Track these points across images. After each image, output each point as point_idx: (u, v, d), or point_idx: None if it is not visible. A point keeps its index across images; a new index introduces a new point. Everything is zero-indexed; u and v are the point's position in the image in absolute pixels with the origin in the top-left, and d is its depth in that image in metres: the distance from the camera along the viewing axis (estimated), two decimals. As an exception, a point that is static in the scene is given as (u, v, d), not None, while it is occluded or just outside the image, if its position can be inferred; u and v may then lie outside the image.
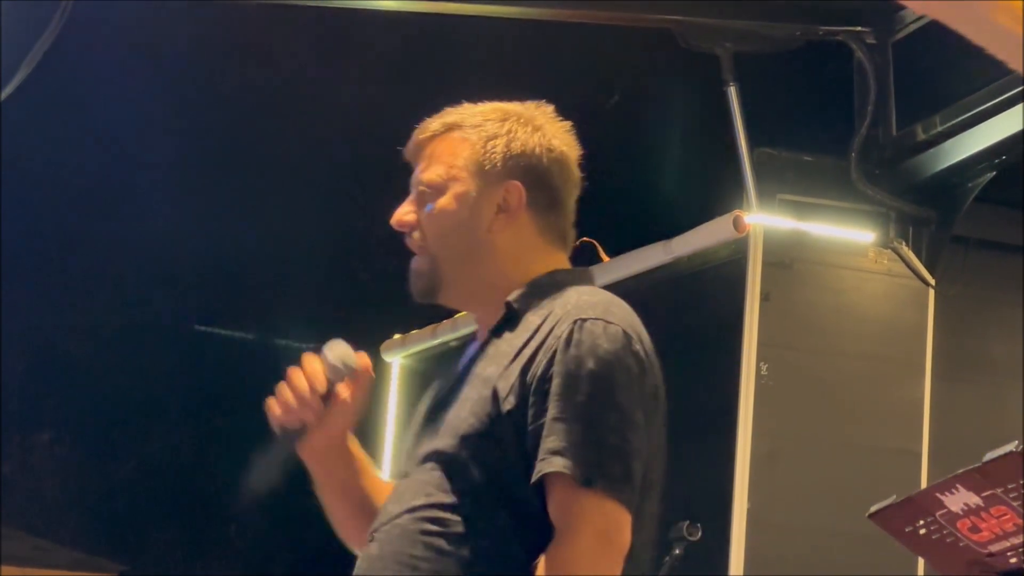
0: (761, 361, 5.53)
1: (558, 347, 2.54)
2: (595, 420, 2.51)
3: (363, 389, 2.75)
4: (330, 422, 2.73)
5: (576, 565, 2.45)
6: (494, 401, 2.57)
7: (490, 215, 2.71)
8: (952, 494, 2.75)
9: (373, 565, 2.63)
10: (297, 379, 2.70)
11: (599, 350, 2.56)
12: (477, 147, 2.73)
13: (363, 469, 2.81)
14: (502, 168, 2.72)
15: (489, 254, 2.71)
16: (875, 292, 5.77)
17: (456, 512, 2.57)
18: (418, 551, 2.58)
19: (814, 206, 5.71)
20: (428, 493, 2.60)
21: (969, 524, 2.77)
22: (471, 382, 2.66)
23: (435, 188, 2.73)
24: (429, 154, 2.77)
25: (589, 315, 2.60)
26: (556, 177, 2.76)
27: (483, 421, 2.58)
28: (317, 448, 2.74)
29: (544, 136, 2.76)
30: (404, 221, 2.76)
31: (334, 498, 2.81)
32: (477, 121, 2.76)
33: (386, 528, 2.64)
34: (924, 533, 2.84)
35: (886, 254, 5.76)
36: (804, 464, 5.56)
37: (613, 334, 2.59)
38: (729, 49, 5.40)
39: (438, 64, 5.64)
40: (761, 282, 5.59)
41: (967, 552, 2.82)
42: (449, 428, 2.63)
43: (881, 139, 5.62)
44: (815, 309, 5.70)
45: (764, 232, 5.59)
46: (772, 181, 5.63)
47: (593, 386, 2.53)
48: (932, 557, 2.96)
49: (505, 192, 2.71)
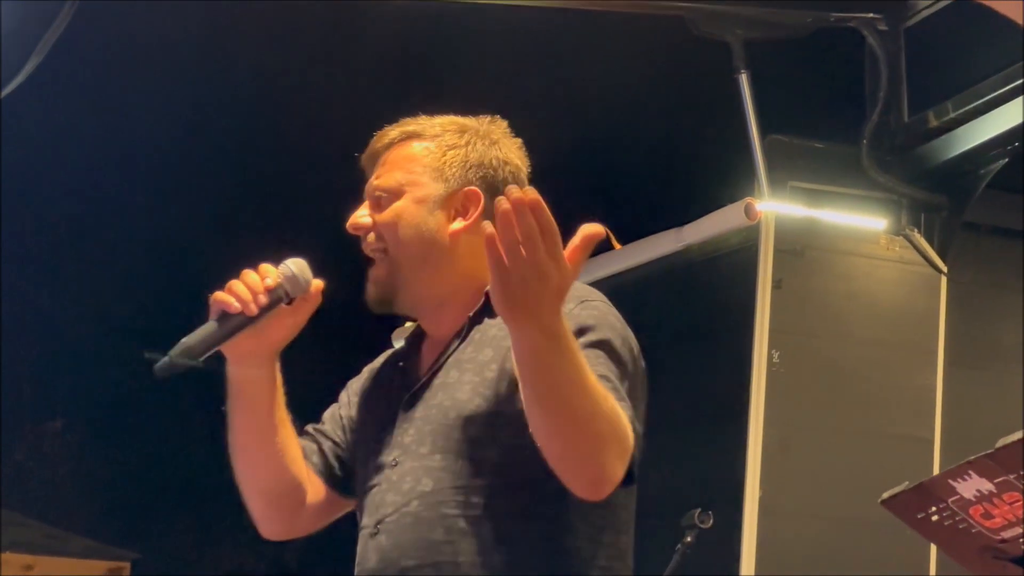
0: (773, 349, 5.53)
1: (567, 320, 2.55)
2: (625, 382, 2.56)
3: (308, 311, 2.73)
4: (267, 328, 2.69)
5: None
6: (503, 379, 2.58)
7: (448, 220, 2.73)
8: (964, 480, 2.74)
9: (388, 556, 2.63)
10: (250, 273, 2.68)
11: (613, 320, 2.63)
12: (436, 155, 2.76)
13: (278, 401, 2.78)
14: (461, 176, 2.74)
15: (447, 259, 2.72)
16: (887, 279, 5.77)
17: (474, 494, 2.58)
18: (439, 535, 2.58)
19: (826, 193, 5.70)
20: (437, 478, 2.61)
21: (981, 510, 2.76)
22: (459, 367, 2.68)
23: (393, 193, 2.75)
24: (386, 161, 2.79)
25: (591, 298, 2.66)
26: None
27: (491, 401, 2.60)
28: (245, 348, 2.70)
29: (500, 150, 2.79)
30: (360, 224, 2.77)
31: (242, 413, 2.77)
32: (436, 131, 2.79)
33: (393, 518, 2.64)
34: (936, 520, 2.84)
35: (898, 241, 5.75)
36: (816, 451, 5.56)
37: (617, 315, 2.66)
38: (740, 36, 5.38)
39: (445, 54, 5.63)
40: (773, 269, 5.59)
41: (979, 538, 2.81)
42: (448, 413, 2.63)
43: (893, 126, 5.61)
44: (827, 296, 5.70)
45: (776, 219, 5.59)
46: (784, 168, 5.63)
47: (620, 352, 2.58)
48: (944, 544, 2.95)
49: (464, 198, 2.74)
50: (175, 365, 2.61)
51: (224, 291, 2.66)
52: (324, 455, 2.86)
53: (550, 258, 2.22)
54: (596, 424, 2.37)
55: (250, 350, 2.72)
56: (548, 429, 2.39)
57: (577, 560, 2.58)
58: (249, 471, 2.81)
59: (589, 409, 2.35)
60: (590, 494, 2.47)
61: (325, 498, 2.86)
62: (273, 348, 2.74)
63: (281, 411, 2.78)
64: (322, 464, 2.86)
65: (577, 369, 2.34)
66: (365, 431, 2.81)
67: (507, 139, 2.82)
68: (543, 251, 2.22)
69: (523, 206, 2.20)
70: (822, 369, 5.64)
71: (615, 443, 2.42)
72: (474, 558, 2.56)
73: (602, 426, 2.38)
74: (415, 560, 2.59)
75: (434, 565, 2.58)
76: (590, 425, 2.36)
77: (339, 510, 2.89)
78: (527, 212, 2.20)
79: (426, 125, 2.80)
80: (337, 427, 2.88)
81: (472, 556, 2.56)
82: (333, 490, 2.86)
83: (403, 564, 2.61)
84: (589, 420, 2.36)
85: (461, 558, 2.56)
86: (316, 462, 2.86)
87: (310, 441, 2.87)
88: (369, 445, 2.77)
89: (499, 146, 2.79)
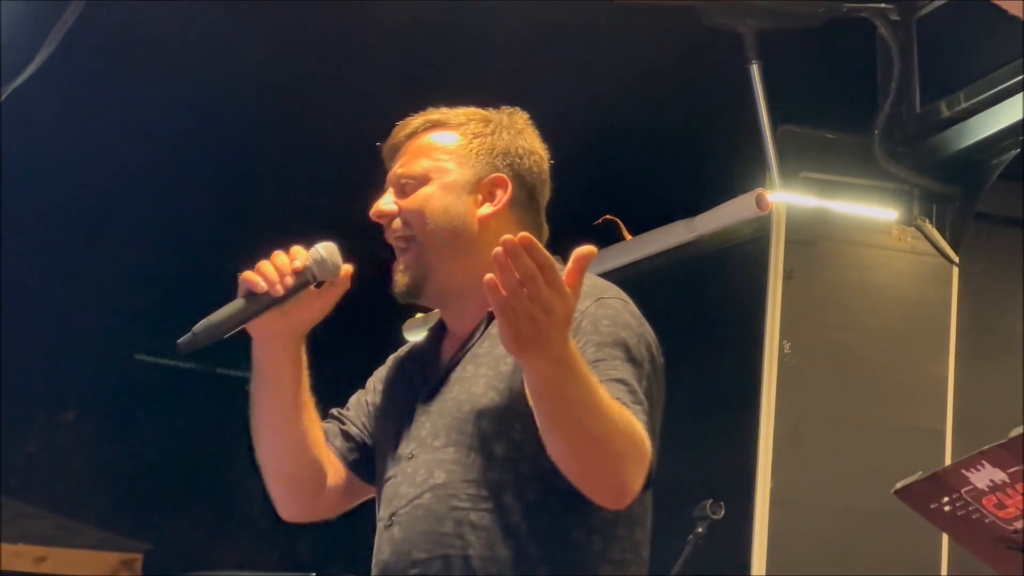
0: (784, 339, 5.53)
1: (583, 320, 2.55)
2: (641, 383, 2.57)
3: (336, 295, 2.75)
4: (294, 310, 2.71)
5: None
6: (518, 374, 2.57)
7: (476, 205, 2.74)
8: (978, 471, 2.74)
9: (400, 548, 2.64)
10: (279, 254, 2.70)
11: (628, 317, 2.62)
12: (462, 142, 2.77)
13: (302, 382, 2.79)
14: (488, 163, 2.75)
15: (475, 245, 2.72)
16: (899, 270, 5.76)
17: (485, 487, 2.59)
18: (448, 528, 2.59)
19: (837, 184, 5.70)
20: (449, 471, 2.61)
21: (995, 500, 2.76)
22: (476, 361, 2.69)
23: (419, 179, 2.75)
24: (409, 150, 2.79)
25: (607, 295, 2.65)
26: (536, 179, 2.80)
27: (504, 395, 2.60)
28: (270, 329, 2.72)
29: (525, 139, 2.81)
30: (384, 211, 2.77)
31: (265, 393, 2.77)
32: (461, 120, 2.80)
33: (406, 510, 2.64)
34: (949, 510, 2.84)
35: (910, 232, 5.75)
36: (827, 442, 5.56)
37: (633, 310, 2.66)
38: (752, 26, 5.37)
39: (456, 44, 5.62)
40: (784, 260, 5.59)
41: (993, 528, 2.81)
42: (462, 407, 2.64)
43: (905, 116, 5.60)
44: (838, 287, 5.70)
45: (787, 210, 5.59)
46: (795, 159, 5.62)
47: (636, 352, 2.58)
48: (957, 534, 2.95)
49: (491, 184, 2.74)
50: (198, 340, 2.63)
51: (253, 271, 2.67)
52: (346, 439, 2.87)
53: (552, 290, 2.26)
54: (613, 443, 2.40)
55: (275, 331, 2.73)
56: (566, 453, 2.42)
57: (588, 553, 2.59)
58: (271, 452, 2.81)
59: (605, 429, 2.38)
60: (612, 505, 2.51)
61: (346, 482, 2.86)
62: (299, 330, 2.75)
63: (305, 393, 2.79)
64: (344, 448, 2.86)
65: (591, 392, 2.36)
66: (386, 422, 2.81)
67: (530, 129, 2.83)
68: (544, 285, 2.25)
69: (517, 248, 2.23)
70: (834, 360, 5.64)
71: (633, 456, 2.44)
72: (484, 551, 2.56)
73: (619, 443, 2.41)
74: (425, 553, 2.60)
75: (444, 558, 2.58)
76: (607, 445, 2.40)
77: (360, 495, 2.89)
78: (522, 252, 2.24)
79: (450, 115, 2.80)
80: (361, 412, 2.88)
81: (482, 549, 2.57)
82: (354, 474, 2.86)
83: (414, 556, 2.61)
84: (606, 440, 2.39)
85: (471, 551, 2.57)
86: (338, 445, 2.86)
87: (333, 424, 2.88)
88: (388, 437, 2.77)
89: (524, 135, 2.80)
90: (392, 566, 2.64)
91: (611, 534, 2.60)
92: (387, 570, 2.65)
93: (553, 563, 2.56)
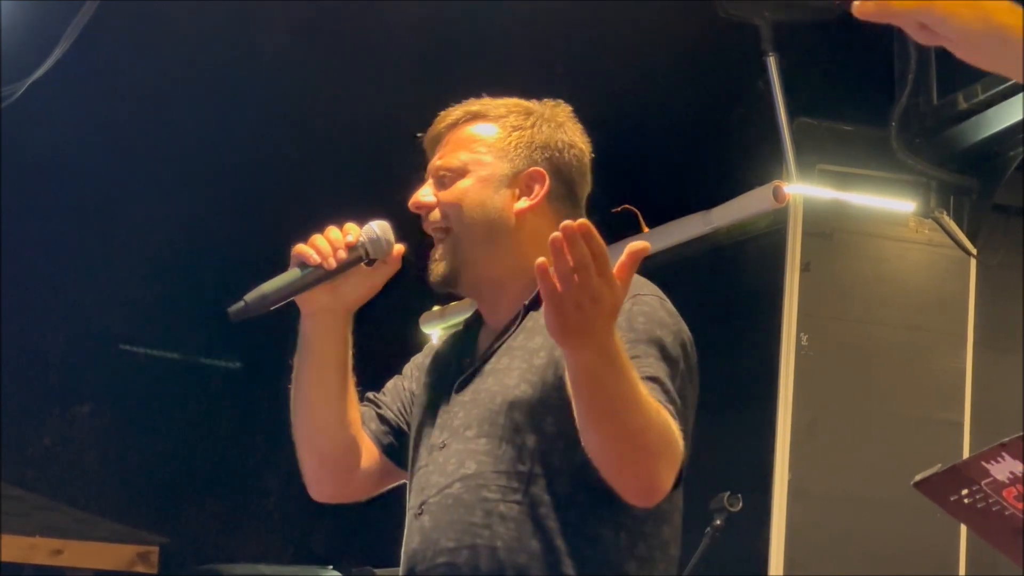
0: (801, 332, 5.52)
1: (619, 317, 2.55)
2: (675, 380, 2.57)
3: (387, 274, 2.76)
4: (343, 286, 2.73)
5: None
6: (551, 367, 2.59)
7: (514, 199, 2.73)
8: (998, 463, 2.73)
9: (429, 537, 2.64)
10: (333, 229, 2.71)
11: (664, 315, 2.63)
12: (501, 135, 2.76)
13: (346, 360, 2.79)
14: (526, 157, 2.75)
15: (512, 238, 2.73)
16: (916, 262, 5.75)
17: (515, 479, 2.59)
18: (477, 518, 2.59)
19: (854, 176, 5.69)
20: (480, 461, 2.62)
21: (1015, 492, 2.75)
22: (510, 354, 2.69)
23: (457, 172, 2.75)
24: (449, 141, 2.79)
25: (643, 292, 2.65)
26: (576, 172, 2.80)
27: (537, 388, 2.60)
28: (319, 303, 2.73)
29: (566, 133, 2.79)
30: (423, 203, 2.77)
31: (308, 368, 2.78)
32: (501, 112, 2.79)
33: (436, 500, 2.65)
34: (969, 502, 2.83)
35: (927, 224, 5.74)
36: (845, 435, 5.55)
37: (669, 308, 2.66)
38: (768, 18, 5.37)
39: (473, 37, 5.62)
40: (801, 252, 5.58)
41: (1013, 520, 2.80)
42: (495, 398, 2.64)
43: (922, 108, 5.59)
44: (856, 279, 5.69)
45: (804, 202, 5.58)
46: (812, 151, 5.61)
47: (671, 350, 2.59)
48: (977, 526, 2.94)
49: (529, 178, 2.74)
50: (250, 309, 2.64)
51: (306, 243, 2.68)
52: (381, 422, 2.87)
53: (602, 280, 2.24)
54: (648, 438, 2.40)
55: (324, 305, 2.74)
56: (602, 445, 2.42)
57: (614, 549, 2.59)
58: (307, 427, 2.82)
59: (642, 424, 2.38)
60: (641, 503, 2.51)
61: (379, 466, 2.86)
62: (348, 307, 2.77)
63: (348, 372, 2.80)
64: (379, 431, 2.87)
65: (631, 386, 2.36)
66: (420, 410, 2.82)
67: (571, 122, 2.82)
68: (596, 275, 2.24)
69: (575, 234, 2.22)
70: (851, 352, 5.63)
71: (666, 454, 2.44)
72: (512, 543, 2.57)
73: (653, 440, 2.41)
74: (454, 542, 2.60)
75: (471, 547, 2.59)
76: (642, 440, 2.40)
77: (392, 480, 2.90)
78: (579, 240, 2.22)
79: (490, 106, 2.79)
80: (397, 398, 2.89)
81: (509, 541, 2.57)
82: (387, 459, 2.86)
83: (442, 545, 2.61)
84: (642, 435, 2.39)
85: (498, 542, 2.57)
86: (373, 429, 2.87)
87: (369, 408, 2.89)
88: (422, 426, 2.78)
89: (564, 129, 2.79)
90: (421, 555, 2.65)
91: (638, 531, 2.60)
92: (416, 559, 2.66)
93: (579, 557, 2.56)
